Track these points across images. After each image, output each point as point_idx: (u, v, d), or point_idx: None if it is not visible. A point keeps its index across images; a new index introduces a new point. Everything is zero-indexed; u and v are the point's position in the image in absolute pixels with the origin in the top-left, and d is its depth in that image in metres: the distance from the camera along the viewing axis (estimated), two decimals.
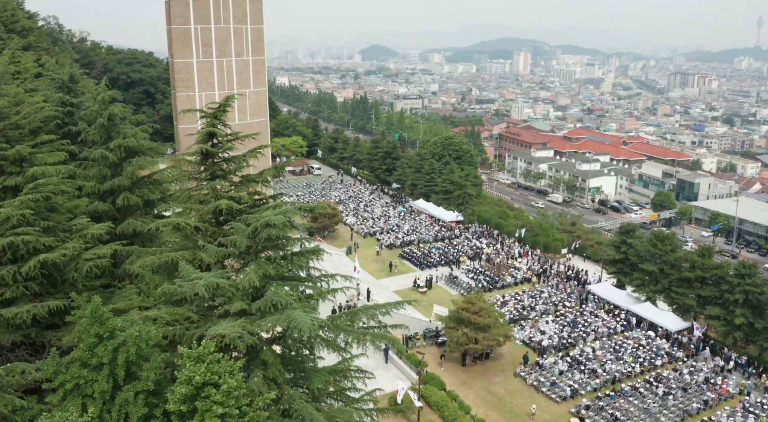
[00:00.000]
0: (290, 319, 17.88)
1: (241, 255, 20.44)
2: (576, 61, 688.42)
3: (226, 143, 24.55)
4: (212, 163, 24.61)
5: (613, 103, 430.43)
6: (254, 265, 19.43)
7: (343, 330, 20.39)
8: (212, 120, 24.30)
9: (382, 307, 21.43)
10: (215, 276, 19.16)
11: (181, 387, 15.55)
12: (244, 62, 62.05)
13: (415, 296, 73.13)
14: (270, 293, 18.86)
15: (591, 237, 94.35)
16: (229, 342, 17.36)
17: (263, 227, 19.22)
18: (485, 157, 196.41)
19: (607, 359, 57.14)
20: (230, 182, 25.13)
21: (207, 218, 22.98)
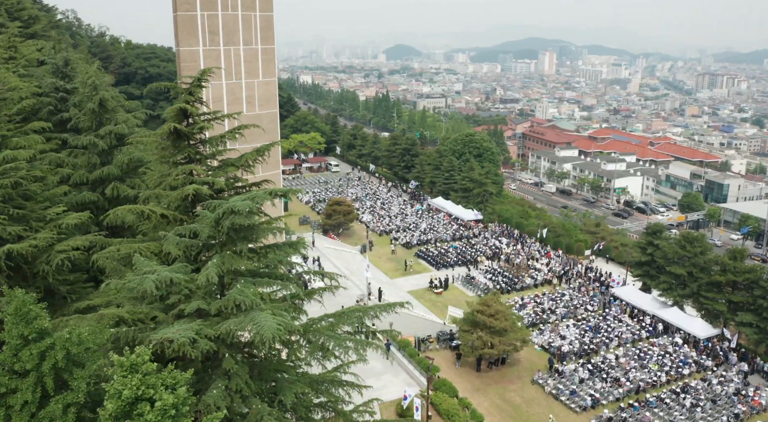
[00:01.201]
0: (254, 322, 15.08)
1: (206, 247, 17.66)
2: (602, 61, 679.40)
3: (201, 122, 21.72)
4: (186, 145, 21.85)
5: (639, 103, 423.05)
6: (217, 259, 16.67)
7: (323, 336, 17.51)
8: (185, 96, 21.52)
9: (370, 310, 18.55)
10: (172, 271, 16.41)
11: (110, 402, 12.79)
12: (252, 51, 59.32)
13: (430, 297, 70.45)
14: (234, 292, 16.11)
15: (616, 239, 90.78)
16: (177, 347, 14.57)
17: (227, 214, 16.44)
18: (508, 156, 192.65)
19: (630, 367, 53.71)
20: (207, 167, 22.35)
21: (175, 205, 20.24)
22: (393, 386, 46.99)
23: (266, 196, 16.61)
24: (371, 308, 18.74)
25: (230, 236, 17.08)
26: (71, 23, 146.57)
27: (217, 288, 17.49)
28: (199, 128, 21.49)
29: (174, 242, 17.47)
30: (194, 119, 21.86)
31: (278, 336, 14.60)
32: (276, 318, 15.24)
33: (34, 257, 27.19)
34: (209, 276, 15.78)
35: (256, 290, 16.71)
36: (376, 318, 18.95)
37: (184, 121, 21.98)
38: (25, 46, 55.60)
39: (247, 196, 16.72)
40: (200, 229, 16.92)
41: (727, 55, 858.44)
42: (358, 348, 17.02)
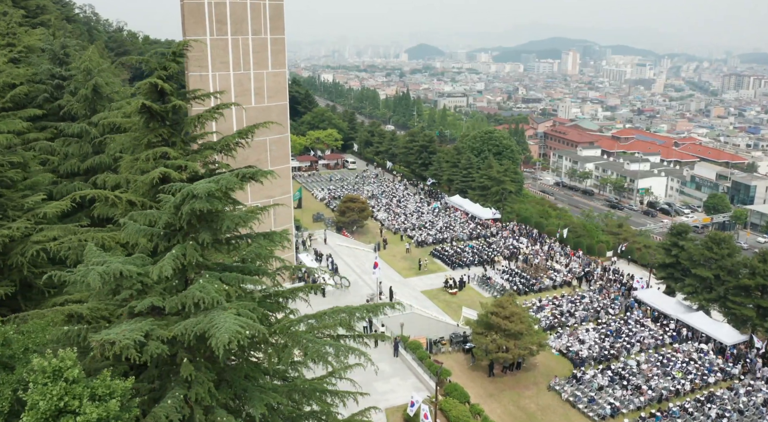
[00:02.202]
0: (212, 323, 12.91)
1: (167, 236, 15.51)
2: (627, 61, 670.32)
3: (175, 100, 19.57)
4: (160, 125, 19.74)
5: (664, 104, 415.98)
6: (176, 250, 14.52)
7: (301, 339, 15.27)
8: (159, 71, 19.39)
9: (356, 311, 16.30)
10: (126, 263, 14.29)
11: (27, 415, 10.67)
12: (261, 41, 57.30)
13: (445, 297, 68.11)
14: (193, 288, 13.98)
15: (639, 240, 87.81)
16: (119, 351, 12.42)
17: (187, 199, 14.28)
18: (529, 155, 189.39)
19: (653, 374, 50.99)
20: (184, 150, 20.22)
21: (143, 191, 18.13)
22: (401, 390, 44.76)
23: (233, 179, 14.42)
24: (357, 309, 16.48)
25: (192, 224, 14.92)
26: (89, 18, 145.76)
27: (179, 283, 15.36)
28: (172, 107, 19.30)
29: (133, 230, 15.35)
30: (170, 98, 19.72)
31: (237, 340, 12.42)
32: (238, 320, 13.07)
33: (8, 248, 25.36)
34: (162, 270, 13.65)
35: (221, 286, 14.56)
36: (362, 320, 16.66)
37: (159, 100, 19.85)
38: (28, 35, 54.01)
39: (212, 179, 14.54)
40: (157, 216, 14.80)
41: (754, 56, 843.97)
42: (338, 354, 14.72)
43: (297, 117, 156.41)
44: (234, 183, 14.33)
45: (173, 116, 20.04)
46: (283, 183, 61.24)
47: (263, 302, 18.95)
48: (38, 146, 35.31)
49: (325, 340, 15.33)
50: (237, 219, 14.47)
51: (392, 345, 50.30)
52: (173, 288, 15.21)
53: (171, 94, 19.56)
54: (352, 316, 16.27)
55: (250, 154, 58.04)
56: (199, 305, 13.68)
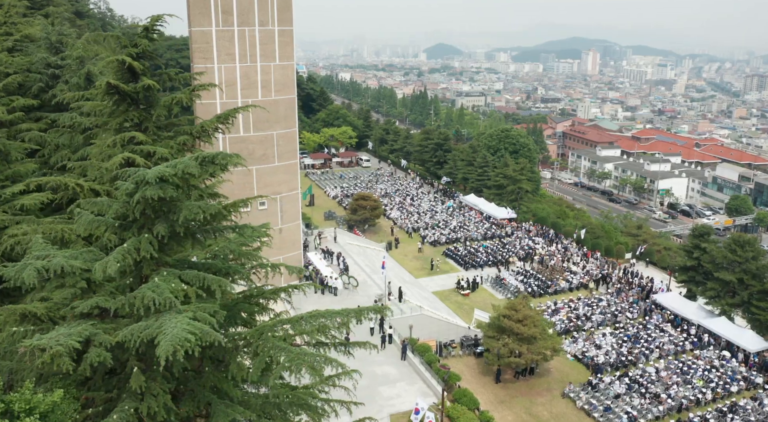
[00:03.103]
0: (161, 328, 11.08)
1: (122, 227, 13.68)
2: (647, 61, 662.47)
3: (147, 80, 17.74)
4: (130, 108, 17.95)
5: (685, 104, 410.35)
6: (130, 243, 12.70)
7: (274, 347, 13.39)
8: (129, 48, 17.58)
9: (338, 315, 14.39)
10: (72, 257, 12.49)
11: None
12: (268, 32, 55.52)
13: (456, 298, 66.19)
14: (145, 287, 12.13)
15: (658, 242, 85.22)
16: (49, 358, 10.62)
17: (140, 185, 12.44)
18: (547, 154, 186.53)
19: (672, 382, 48.65)
20: (157, 135, 18.41)
21: (107, 179, 16.35)
22: (408, 395, 42.78)
23: (190, 164, 12.54)
24: (339, 313, 14.56)
25: (147, 215, 13.09)
26: (103, 14, 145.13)
27: (133, 281, 13.56)
28: (143, 87, 17.48)
29: (85, 222, 13.53)
30: (142, 78, 17.90)
31: (183, 349, 10.58)
32: (191, 325, 11.24)
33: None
34: (107, 266, 11.84)
35: (178, 286, 12.73)
36: (344, 326, 14.74)
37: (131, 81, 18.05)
38: (30, 26, 52.58)
39: (168, 164, 12.69)
40: (106, 205, 13.00)
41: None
42: (314, 365, 12.81)
43: (312, 114, 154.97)
44: (192, 167, 12.46)
45: (146, 98, 18.23)
46: (290, 179, 59.55)
47: (241, 304, 17.20)
48: (28, 137, 33.88)
49: (302, 349, 13.43)
50: (196, 209, 12.60)
51: (400, 348, 48.34)
52: (127, 287, 13.43)
53: (143, 73, 17.74)
54: (332, 321, 14.34)
55: (256, 149, 56.49)
56: (150, 307, 11.87)
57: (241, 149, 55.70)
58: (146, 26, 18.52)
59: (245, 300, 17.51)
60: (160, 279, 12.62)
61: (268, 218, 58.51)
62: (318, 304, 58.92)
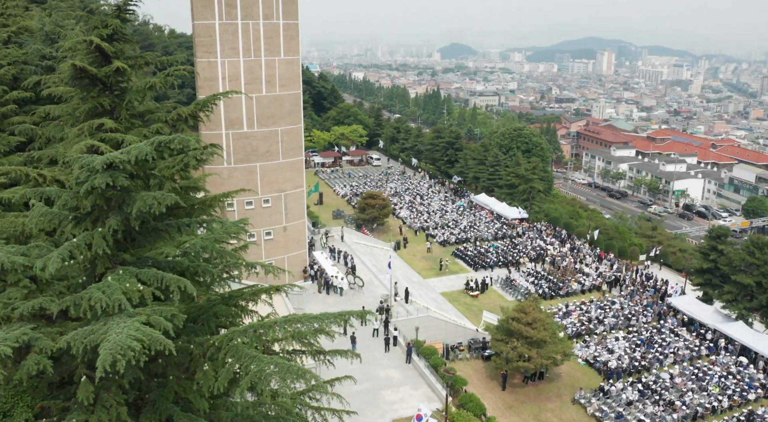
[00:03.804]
0: (106, 335, 9.68)
1: (76, 220, 12.29)
2: (663, 62, 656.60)
3: (118, 62, 16.33)
4: (101, 93, 16.58)
5: (701, 105, 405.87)
6: (81, 238, 11.31)
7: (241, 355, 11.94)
8: (100, 29, 16.19)
9: (315, 321, 12.92)
10: (13, 253, 11.12)
11: None
12: (273, 26, 54.15)
13: (465, 300, 64.69)
14: (93, 288, 10.75)
15: (674, 244, 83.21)
16: None
17: (90, 174, 11.04)
18: (561, 154, 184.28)
19: (687, 388, 46.87)
20: (129, 123, 17.03)
21: None
22: (411, 400, 41.26)
23: (145, 149, 11.12)
24: (317, 318, 13.06)
25: (99, 206, 11.69)
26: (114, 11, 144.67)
27: (87, 280, 12.19)
28: (114, 71, 16.10)
29: (37, 214, 12.15)
30: (116, 61, 16.49)
31: (125, 358, 9.19)
32: (139, 331, 9.83)
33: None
34: (48, 263, 10.45)
35: (134, 286, 11.32)
36: (322, 332, 13.26)
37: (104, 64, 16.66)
38: (30, 18, 51.54)
39: (123, 150, 11.26)
40: (55, 195, 11.61)
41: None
42: (285, 377, 11.36)
43: (322, 112, 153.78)
44: (146, 153, 11.04)
45: (118, 83, 16.84)
46: (295, 176, 58.23)
47: (218, 306, 15.80)
48: (18, 130, 32.83)
49: (273, 358, 11.96)
50: (151, 200, 11.17)
51: (404, 351, 46.81)
52: (80, 287, 12.05)
53: (115, 56, 16.35)
54: (308, 327, 12.88)
55: (259, 145, 55.19)
56: (97, 309, 10.48)
57: (244, 145, 54.51)
58: (119, 5, 17.11)
59: (224, 302, 16.14)
60: (114, 279, 11.25)
61: (272, 216, 57.25)
62: (323, 304, 57.61)
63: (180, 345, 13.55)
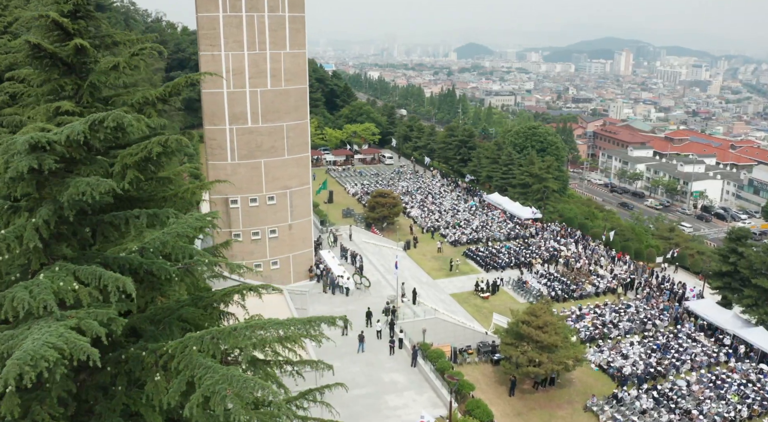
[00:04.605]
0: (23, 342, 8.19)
1: (12, 210, 10.79)
2: (682, 62, 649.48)
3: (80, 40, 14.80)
4: (59, 74, 15.10)
5: (720, 106, 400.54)
6: (10, 231, 9.84)
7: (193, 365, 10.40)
8: (60, 4, 14.68)
9: (281, 326, 11.33)
10: None
11: None
12: (279, 18, 52.71)
13: (475, 301, 63.02)
14: (19, 287, 9.29)
15: (691, 246, 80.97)
16: None
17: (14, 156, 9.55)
18: (577, 154, 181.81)
19: (705, 396, 44.92)
20: (95, 107, 15.54)
21: None
22: (415, 405, 39.64)
23: (77, 128, 9.59)
24: (282, 324, 11.47)
25: (29, 194, 10.19)
26: (126, 8, 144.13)
27: (20, 277, 10.70)
28: (75, 49, 14.59)
29: None
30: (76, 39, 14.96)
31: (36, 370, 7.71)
32: (61, 338, 8.34)
33: None
34: None
35: (69, 285, 9.83)
36: (289, 340, 11.66)
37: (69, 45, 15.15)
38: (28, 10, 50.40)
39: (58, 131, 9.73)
40: None
41: None
42: (242, 393, 9.81)
43: (335, 110, 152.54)
44: (79, 131, 9.53)
45: (83, 64, 15.36)
46: (301, 173, 56.78)
47: (186, 308, 14.27)
48: (5, 121, 31.55)
49: (230, 370, 10.41)
50: (84, 187, 9.65)
51: (410, 354, 45.18)
52: (11, 284, 10.57)
53: (76, 33, 14.86)
54: (273, 333, 11.30)
55: (264, 141, 53.78)
56: (19, 310, 9.00)
57: (248, 141, 53.16)
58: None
59: (193, 304, 14.61)
60: (47, 277, 9.77)
61: (277, 213, 55.80)
62: (329, 305, 56.19)
63: (131, 353, 12.07)
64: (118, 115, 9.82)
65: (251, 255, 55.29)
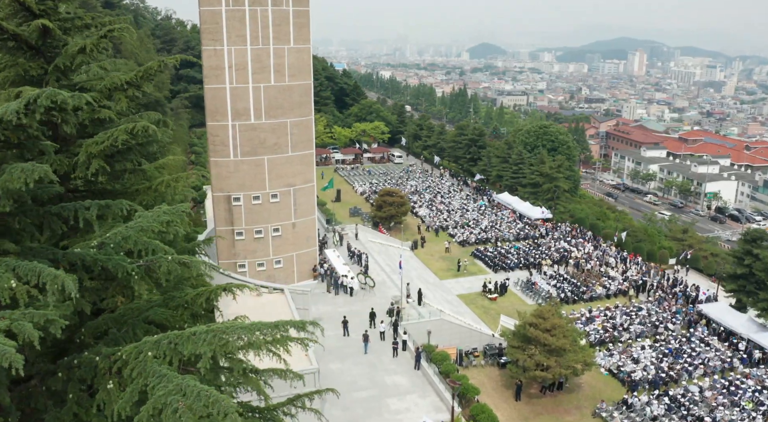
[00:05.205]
0: None
1: None
2: (696, 63, 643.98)
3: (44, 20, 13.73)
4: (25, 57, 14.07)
5: (735, 107, 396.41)
6: None
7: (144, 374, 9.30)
8: None
9: (243, 331, 10.20)
10: None
11: None
12: (282, 12, 51.64)
13: (483, 303, 61.82)
14: None
15: (705, 248, 79.31)
16: None
17: None
18: (589, 154, 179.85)
19: (718, 403, 43.46)
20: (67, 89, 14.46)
21: None
22: (418, 410, 38.42)
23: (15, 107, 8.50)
24: (247, 329, 10.33)
25: None
26: (136, 5, 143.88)
27: None
28: (40, 30, 13.54)
29: None
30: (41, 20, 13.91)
31: None
32: None
33: None
34: None
35: (6, 281, 8.78)
36: (252, 346, 10.50)
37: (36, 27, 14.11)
38: None
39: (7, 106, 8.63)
40: None
41: None
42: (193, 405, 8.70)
43: (344, 109, 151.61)
44: (13, 111, 8.44)
45: (51, 48, 14.32)
46: (305, 170, 55.67)
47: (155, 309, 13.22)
48: None
49: (186, 380, 9.28)
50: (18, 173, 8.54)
51: (413, 357, 43.96)
52: None
53: (41, 14, 13.82)
54: (235, 339, 10.15)
55: (267, 137, 52.70)
56: None
57: (251, 137, 52.15)
58: None
59: (164, 304, 13.54)
60: None
61: (280, 211, 54.72)
62: (332, 305, 55.07)
63: (84, 357, 11.00)
64: (53, 93, 8.73)
65: (254, 254, 54.32)
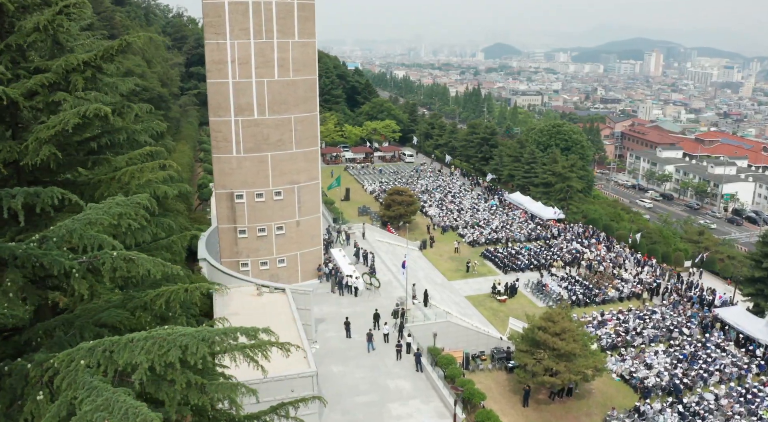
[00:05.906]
0: None
1: None
2: (713, 63, 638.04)
3: None
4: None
5: (752, 108, 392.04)
6: None
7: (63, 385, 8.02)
8: None
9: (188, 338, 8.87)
10: None
11: None
12: (287, 6, 50.38)
13: (492, 304, 60.40)
14: None
15: (721, 250, 77.44)
16: None
17: None
18: (603, 155, 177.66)
19: (734, 412, 41.77)
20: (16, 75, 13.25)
21: None
22: (420, 415, 37.06)
23: None
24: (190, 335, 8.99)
25: None
26: (147, 2, 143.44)
27: None
28: None
29: None
30: None
31: None
32: None
33: None
34: None
35: None
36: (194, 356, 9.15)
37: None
38: None
39: None
40: None
41: None
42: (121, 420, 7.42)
43: (356, 107, 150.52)
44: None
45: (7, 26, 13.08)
46: (310, 167, 54.40)
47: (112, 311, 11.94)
48: None
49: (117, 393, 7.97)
50: None
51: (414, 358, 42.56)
52: None
53: None
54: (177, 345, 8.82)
55: (271, 133, 51.49)
56: None
57: (254, 133, 50.96)
58: None
59: (122, 305, 12.24)
60: None
61: (284, 209, 53.48)
62: (336, 305, 53.72)
63: (15, 365, 9.72)
64: None
65: (257, 253, 53.14)
